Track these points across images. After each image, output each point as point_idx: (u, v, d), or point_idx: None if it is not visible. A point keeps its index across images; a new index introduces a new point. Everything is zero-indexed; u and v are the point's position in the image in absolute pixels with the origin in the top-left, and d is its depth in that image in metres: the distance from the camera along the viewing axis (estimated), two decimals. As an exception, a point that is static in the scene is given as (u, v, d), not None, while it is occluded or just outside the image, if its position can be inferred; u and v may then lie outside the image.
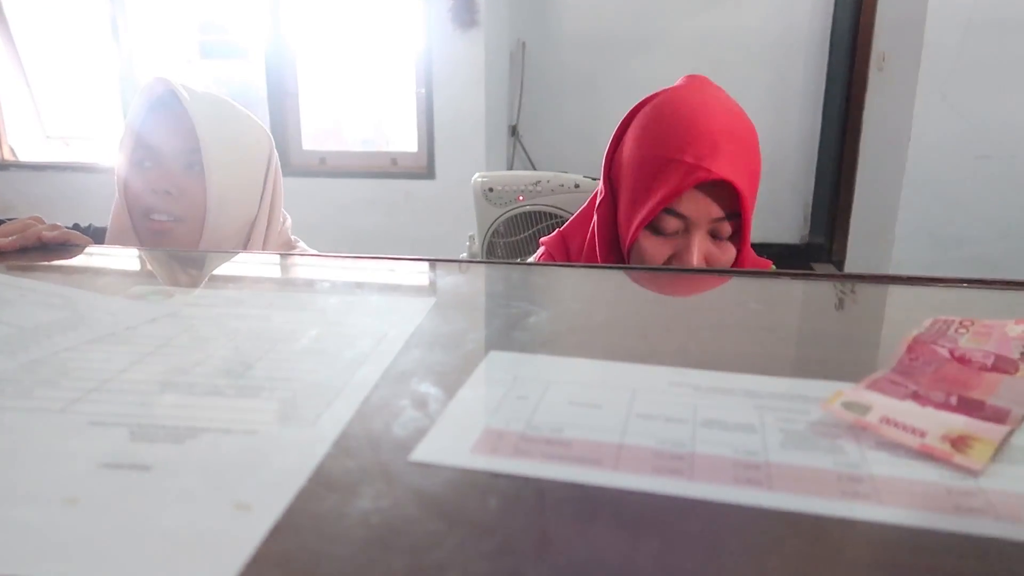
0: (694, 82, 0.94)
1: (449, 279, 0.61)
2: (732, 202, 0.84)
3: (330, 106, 4.24)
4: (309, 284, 0.64)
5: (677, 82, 0.96)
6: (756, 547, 0.28)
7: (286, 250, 1.14)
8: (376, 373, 0.43)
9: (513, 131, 4.38)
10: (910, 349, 0.45)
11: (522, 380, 0.42)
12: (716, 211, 0.84)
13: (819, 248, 4.35)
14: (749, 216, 0.86)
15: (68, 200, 4.18)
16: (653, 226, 0.86)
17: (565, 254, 1.03)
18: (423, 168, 3.85)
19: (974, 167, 3.05)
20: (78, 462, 0.33)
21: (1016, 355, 0.44)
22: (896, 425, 0.36)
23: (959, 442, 0.34)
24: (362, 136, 4.35)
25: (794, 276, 0.63)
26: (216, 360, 0.45)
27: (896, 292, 0.62)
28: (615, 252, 0.92)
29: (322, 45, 4.06)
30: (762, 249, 1.00)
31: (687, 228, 0.85)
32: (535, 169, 4.40)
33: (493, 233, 2.00)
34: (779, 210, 4.30)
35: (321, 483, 0.32)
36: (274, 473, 0.33)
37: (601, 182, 0.96)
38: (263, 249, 1.08)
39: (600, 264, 0.90)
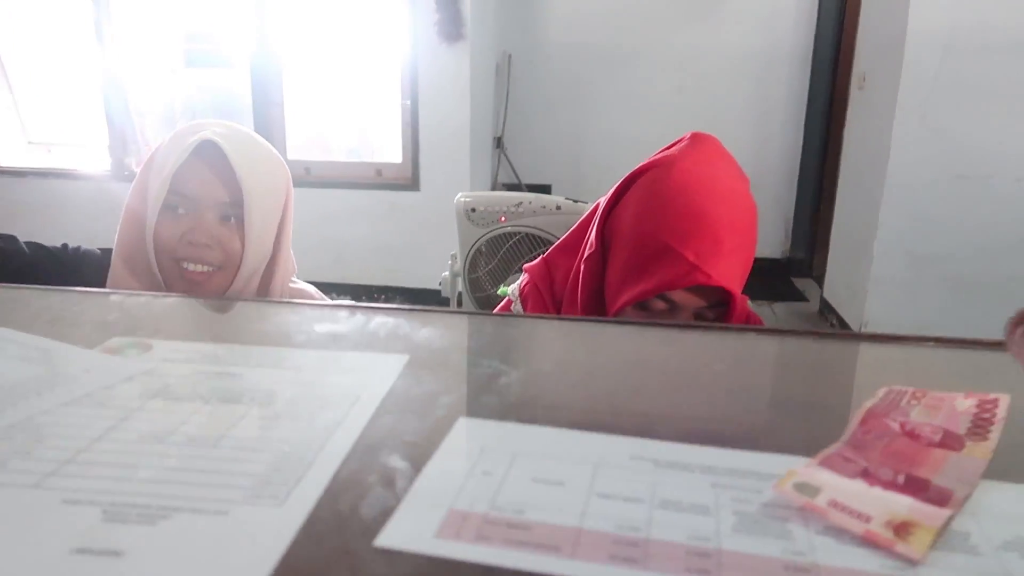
0: (700, 151, 0.93)
1: (424, 332, 0.62)
2: (723, 296, 0.86)
3: (315, 116, 4.24)
4: (287, 336, 0.65)
5: (682, 144, 0.94)
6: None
7: (288, 284, 1.12)
8: (347, 444, 0.44)
9: (498, 143, 4.40)
10: (863, 422, 0.47)
11: (489, 452, 0.44)
12: (706, 302, 0.86)
13: (800, 263, 4.40)
14: (737, 308, 0.87)
15: (49, 207, 4.15)
16: (641, 304, 0.87)
17: (549, 283, 1.04)
18: (408, 179, 3.86)
19: (951, 187, 3.10)
20: (51, 546, 0.34)
21: (963, 431, 0.46)
22: (843, 510, 0.38)
23: (901, 529, 0.36)
24: (347, 146, 4.35)
25: (760, 332, 0.65)
26: (191, 427, 0.46)
27: (864, 350, 0.64)
28: (597, 303, 0.93)
29: (308, 54, 4.07)
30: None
31: (673, 309, 0.86)
32: (520, 181, 4.42)
33: (475, 253, 2.01)
34: (761, 224, 4.27)
35: (288, 570, 0.33)
36: (243, 560, 0.34)
37: (593, 235, 0.95)
38: (271, 283, 1.06)
39: (576, 316, 0.91)
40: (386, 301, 3.97)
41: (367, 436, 0.45)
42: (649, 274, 0.84)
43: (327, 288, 1.22)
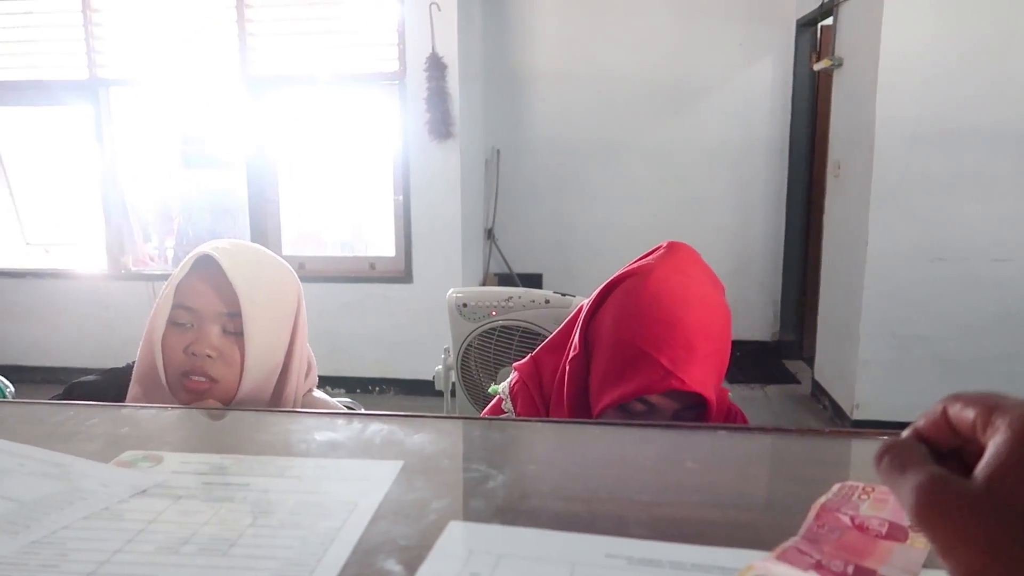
0: (674, 259, 0.99)
1: (417, 438, 0.67)
2: (699, 398, 0.91)
3: (310, 212, 4.35)
4: (288, 445, 0.69)
5: (658, 253, 1.01)
6: None
7: (303, 392, 1.16)
8: (346, 550, 0.48)
9: (489, 234, 4.52)
10: (818, 516, 0.51)
11: (477, 554, 0.48)
12: (682, 404, 0.92)
13: (789, 345, 4.45)
14: (713, 407, 0.92)
15: (46, 307, 4.21)
16: (622, 406, 0.92)
17: (537, 382, 1.09)
18: (401, 272, 3.95)
19: (930, 269, 3.19)
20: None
21: (907, 523, 0.50)
22: None
23: None
24: (341, 240, 4.46)
25: (731, 430, 0.70)
26: (202, 538, 0.50)
27: (826, 445, 0.69)
28: (582, 402, 0.98)
29: (302, 152, 4.21)
30: (734, 347, 1.05)
31: (651, 410, 0.92)
32: (511, 270, 4.51)
33: (467, 346, 2.06)
34: (749, 308, 4.42)
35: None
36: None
37: (577, 337, 1.01)
38: (284, 391, 1.09)
39: (559, 419, 0.95)
40: (380, 393, 3.99)
41: (364, 542, 0.49)
42: (627, 379, 0.89)
43: (322, 381, 1.26)
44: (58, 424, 0.72)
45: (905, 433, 0.36)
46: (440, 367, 2.22)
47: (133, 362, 1.16)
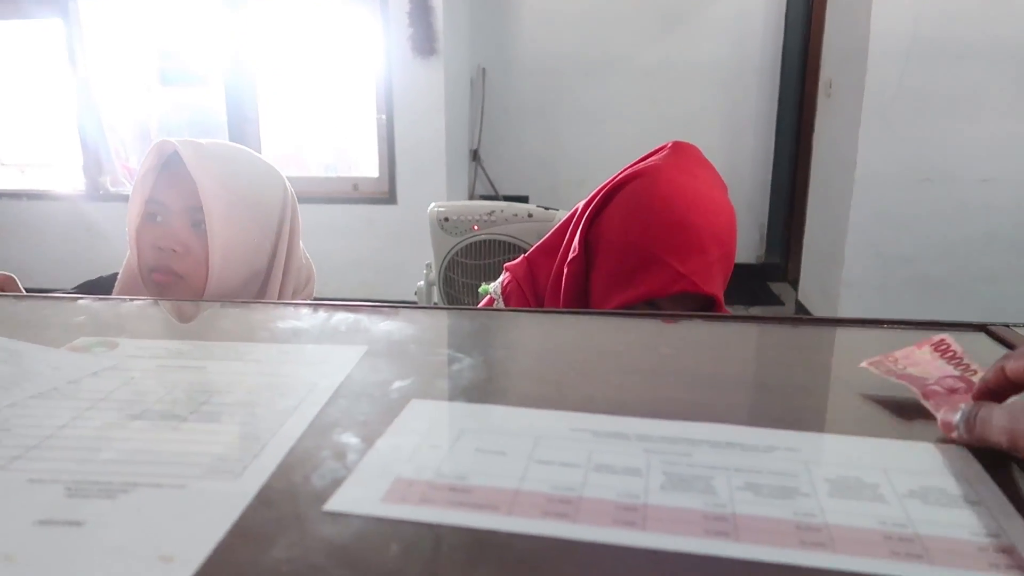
0: (682, 160, 0.97)
1: (384, 325, 0.65)
2: (707, 303, 0.90)
3: (291, 132, 4.26)
4: (250, 333, 0.67)
5: (664, 153, 0.98)
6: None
7: (303, 297, 1.15)
8: (302, 425, 0.46)
9: (475, 155, 4.44)
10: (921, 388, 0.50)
11: (437, 428, 0.46)
12: (691, 308, 0.90)
13: (775, 267, 4.46)
14: (721, 310, 0.91)
15: (23, 228, 4.13)
16: (627, 308, 0.90)
17: (531, 282, 1.07)
18: (385, 193, 3.89)
19: (917, 189, 3.17)
20: (16, 520, 0.36)
21: (959, 372, 0.49)
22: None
23: None
24: (324, 161, 4.37)
25: (712, 319, 0.68)
26: (152, 414, 0.48)
27: (801, 333, 0.67)
28: (580, 306, 0.96)
29: (282, 70, 4.09)
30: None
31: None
32: (497, 192, 4.45)
33: (449, 262, 2.03)
34: (737, 231, 4.40)
35: (240, 534, 0.35)
36: (198, 526, 0.36)
37: (576, 240, 0.98)
38: (280, 298, 1.07)
39: (533, 309, 0.94)
40: (365, 315, 3.98)
41: (322, 417, 0.47)
42: (636, 282, 0.88)
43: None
44: (12, 315, 0.70)
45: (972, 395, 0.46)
46: (422, 283, 2.21)
47: (114, 273, 1.13)
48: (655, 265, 0.87)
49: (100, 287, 1.16)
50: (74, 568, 0.33)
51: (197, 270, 0.98)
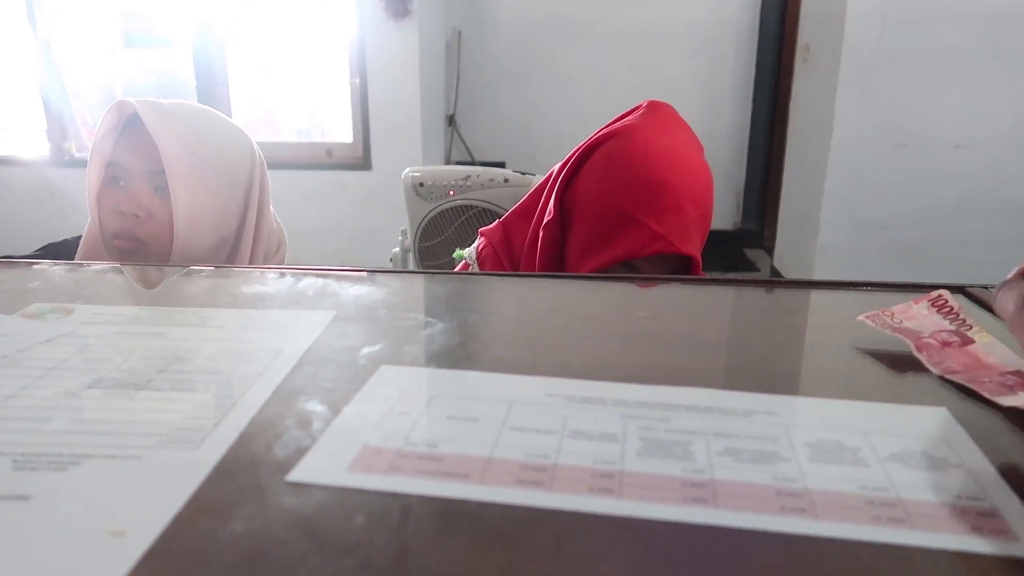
0: (658, 119, 0.94)
1: (352, 290, 0.62)
2: (684, 264, 0.88)
3: (262, 96, 4.16)
4: (213, 298, 0.65)
5: (639, 112, 0.96)
6: (600, 554, 0.31)
7: (275, 263, 1.12)
8: (266, 392, 0.44)
9: (450, 121, 4.38)
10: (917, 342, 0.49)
11: (407, 395, 0.44)
12: (667, 270, 0.89)
13: (751, 234, 4.47)
14: (698, 271, 0.90)
15: (-14, 194, 4.02)
16: (604, 272, 0.88)
17: (506, 247, 1.05)
18: (359, 159, 3.83)
19: (892, 156, 3.17)
20: (-43, 494, 0.34)
21: (954, 327, 0.49)
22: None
23: None
24: (296, 126, 4.29)
25: (688, 281, 0.67)
26: (107, 382, 0.46)
27: (785, 296, 0.66)
28: (556, 269, 0.95)
29: (252, 32, 3.98)
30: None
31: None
32: (473, 158, 4.40)
33: (425, 227, 2.00)
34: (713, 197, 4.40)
35: (198, 507, 0.34)
36: (153, 498, 0.34)
37: (552, 202, 0.96)
38: (250, 263, 1.04)
39: (506, 272, 0.92)
40: (341, 283, 3.94)
41: (287, 384, 0.45)
42: (613, 243, 0.86)
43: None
44: (-36, 281, 0.67)
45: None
46: (397, 249, 2.18)
47: (78, 236, 1.10)
48: (631, 225, 0.86)
49: (64, 250, 1.12)
50: (17, 544, 0.31)
51: (161, 236, 0.95)
